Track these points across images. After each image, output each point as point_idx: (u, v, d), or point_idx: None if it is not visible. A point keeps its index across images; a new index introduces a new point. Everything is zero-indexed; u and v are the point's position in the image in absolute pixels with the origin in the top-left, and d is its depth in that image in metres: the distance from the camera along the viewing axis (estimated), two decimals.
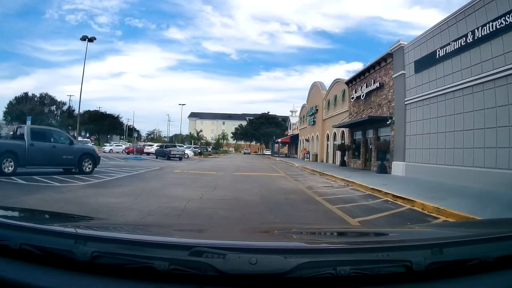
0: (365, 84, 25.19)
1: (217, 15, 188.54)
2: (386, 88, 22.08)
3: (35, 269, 1.18)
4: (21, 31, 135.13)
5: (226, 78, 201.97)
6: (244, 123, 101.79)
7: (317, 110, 38.86)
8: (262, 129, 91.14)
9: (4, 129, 79.32)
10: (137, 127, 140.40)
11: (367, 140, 25.45)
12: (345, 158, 28.02)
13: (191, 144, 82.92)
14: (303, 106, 50.41)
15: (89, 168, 14.72)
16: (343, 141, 30.37)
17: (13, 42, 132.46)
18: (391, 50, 21.23)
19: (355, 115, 27.06)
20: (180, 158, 32.46)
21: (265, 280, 1.10)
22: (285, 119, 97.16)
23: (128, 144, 52.29)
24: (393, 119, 20.52)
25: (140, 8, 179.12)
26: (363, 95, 25.40)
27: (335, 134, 32.78)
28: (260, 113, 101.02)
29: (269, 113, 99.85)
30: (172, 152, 31.63)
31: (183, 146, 54.76)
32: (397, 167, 19.37)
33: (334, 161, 32.35)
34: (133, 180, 12.68)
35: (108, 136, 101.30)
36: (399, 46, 20.26)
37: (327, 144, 35.52)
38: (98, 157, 15.42)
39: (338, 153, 30.92)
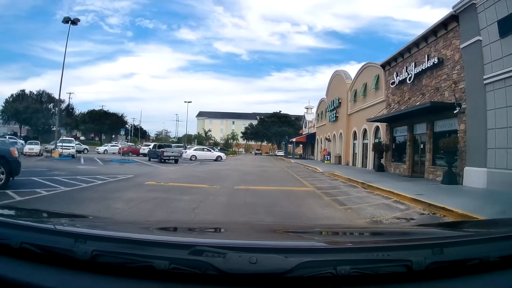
0: (412, 64, 19.03)
1: (228, 15, 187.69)
2: (448, 64, 15.94)
3: (35, 268, 1.18)
4: (32, 33, 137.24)
5: (237, 78, 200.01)
6: (254, 122, 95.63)
7: (340, 103, 32.69)
8: (274, 129, 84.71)
9: (1, 129, 76.07)
10: (146, 127, 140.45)
11: (415, 137, 19.29)
12: (382, 161, 21.83)
13: (199, 145, 78.27)
14: (320, 101, 44.21)
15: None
16: (377, 140, 24.19)
17: (24, 44, 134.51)
18: (455, 11, 15.04)
19: (396, 105, 20.89)
20: (176, 161, 26.70)
21: (265, 279, 1.09)
22: (299, 118, 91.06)
23: (126, 144, 46.88)
24: (462, 106, 14.39)
25: (151, 9, 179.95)
26: (410, 78, 19.23)
27: (365, 131, 26.58)
28: (271, 112, 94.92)
29: (281, 112, 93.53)
30: (165, 154, 25.84)
31: (187, 147, 49.20)
32: (473, 176, 13.26)
33: (364, 165, 26.16)
34: (53, 203, 7.24)
35: (113, 136, 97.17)
36: (469, 4, 14.09)
37: (354, 144, 29.32)
38: (16, 162, 9.67)
39: (371, 155, 24.72)
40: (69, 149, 30.62)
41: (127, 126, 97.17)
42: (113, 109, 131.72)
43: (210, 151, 37.42)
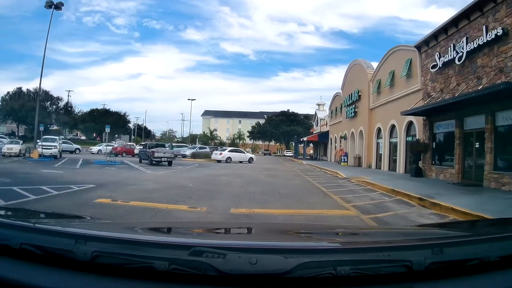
0: (462, 40, 14.81)
1: (235, 16, 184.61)
2: None
3: (35, 268, 1.17)
4: (38, 33, 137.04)
5: (244, 79, 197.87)
6: (261, 121, 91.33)
7: (359, 96, 28.48)
8: (282, 128, 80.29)
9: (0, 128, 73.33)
10: (153, 127, 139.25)
11: (466, 133, 15.12)
12: (420, 164, 17.62)
13: (204, 145, 74.58)
14: (335, 96, 39.95)
15: None
16: (409, 137, 20.00)
17: (30, 44, 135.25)
18: None
19: (438, 94, 16.70)
20: (170, 163, 22.72)
21: (265, 280, 1.09)
22: (308, 116, 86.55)
23: (121, 144, 43.38)
24: None
25: (158, 10, 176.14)
26: (460, 57, 15.01)
27: (392, 127, 22.39)
28: (279, 111, 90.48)
29: (290, 111, 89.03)
30: (155, 155, 21.86)
31: (187, 147, 45.32)
32: None
33: (392, 168, 21.96)
34: None
35: (116, 135, 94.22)
36: None
37: (378, 143, 25.10)
38: None
39: (401, 156, 20.53)
40: (50, 148, 26.89)
41: (129, 125, 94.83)
42: (121, 109, 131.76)
43: (243, 152, 35.61)
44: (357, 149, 28.60)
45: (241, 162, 30.82)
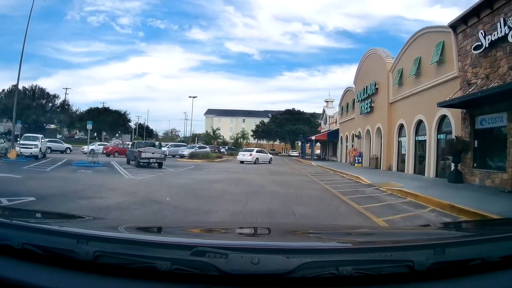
0: None
1: (239, 15, 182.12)
2: None
3: (37, 268, 1.17)
4: (43, 33, 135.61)
5: (248, 78, 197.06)
6: (266, 120, 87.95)
7: (376, 90, 25.30)
8: (288, 126, 76.89)
9: None
10: (157, 127, 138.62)
11: None
12: (459, 167, 14.46)
13: (206, 144, 71.59)
14: (345, 91, 36.76)
15: None
16: (442, 135, 16.88)
17: (34, 44, 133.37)
18: None
19: (482, 80, 13.56)
20: (160, 164, 19.70)
21: (267, 280, 1.09)
22: (314, 115, 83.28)
23: (113, 143, 40.67)
24: None
25: (162, 9, 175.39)
26: None
27: (419, 123, 19.25)
28: (283, 110, 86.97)
29: (295, 109, 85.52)
30: (142, 155, 18.81)
31: (185, 146, 42.36)
32: None
33: (419, 171, 18.81)
34: None
35: (117, 134, 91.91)
36: None
37: (399, 141, 21.95)
38: None
39: (431, 157, 17.39)
40: (30, 148, 24.15)
41: (130, 124, 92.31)
42: (125, 108, 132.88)
43: (265, 153, 35.49)
44: (374, 149, 25.42)
45: (254, 163, 29.63)
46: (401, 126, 21.60)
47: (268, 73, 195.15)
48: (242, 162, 29.85)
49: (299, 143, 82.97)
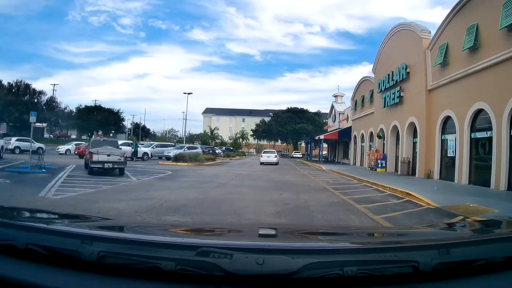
0: None
1: (241, 16, 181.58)
2: None
3: (41, 269, 1.17)
4: (44, 33, 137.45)
5: (250, 79, 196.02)
6: (267, 120, 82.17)
7: (407, 74, 19.96)
8: (290, 125, 71.04)
9: None
10: (157, 127, 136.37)
11: None
12: None
13: (204, 144, 66.38)
14: (361, 82, 31.35)
15: None
16: None
17: (36, 44, 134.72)
18: None
19: None
20: (121, 170, 14.31)
21: (272, 280, 1.08)
22: (318, 113, 77.71)
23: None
24: None
25: (164, 10, 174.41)
26: None
27: (476, 114, 13.98)
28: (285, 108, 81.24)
29: (298, 108, 79.62)
30: (94, 159, 13.42)
31: (173, 146, 37.04)
32: None
33: (477, 178, 13.48)
34: None
35: (111, 134, 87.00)
36: None
37: (443, 140, 16.61)
38: None
39: (505, 160, 12.08)
40: None
41: (124, 123, 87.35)
42: (127, 109, 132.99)
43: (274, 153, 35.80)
44: (405, 150, 20.07)
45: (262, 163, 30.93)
46: (446, 119, 16.28)
47: (269, 74, 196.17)
48: (262, 163, 31.19)
49: (302, 144, 77.50)
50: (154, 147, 33.77)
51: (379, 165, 22.35)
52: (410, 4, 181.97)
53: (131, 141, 32.42)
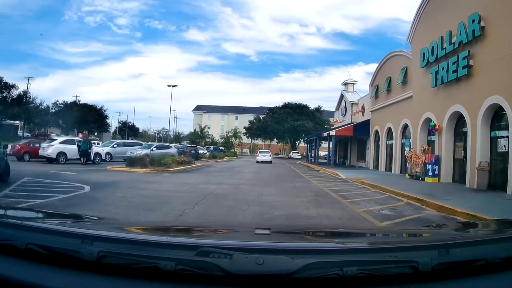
0: None
1: (237, 16, 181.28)
2: None
3: (41, 269, 1.16)
4: (40, 33, 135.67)
5: (245, 79, 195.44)
6: (262, 116, 74.25)
7: (482, 30, 12.53)
8: (288, 122, 63.19)
9: None
10: (147, 126, 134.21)
11: None
12: None
13: (192, 144, 58.94)
14: (386, 59, 23.43)
15: None
16: None
17: (32, 44, 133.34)
18: None
19: None
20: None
21: (272, 280, 1.08)
22: (319, 109, 69.95)
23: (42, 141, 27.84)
24: None
25: (160, 10, 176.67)
26: None
27: None
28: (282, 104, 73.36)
29: (296, 103, 71.69)
30: None
31: (140, 145, 29.41)
32: None
33: None
34: None
35: (96, 133, 79.41)
36: None
37: None
38: None
39: None
40: None
41: (107, 121, 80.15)
42: (123, 109, 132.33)
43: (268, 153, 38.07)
44: (479, 152, 12.58)
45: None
46: None
47: (265, 74, 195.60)
48: (258, 162, 33.81)
49: (301, 143, 69.66)
50: (115, 146, 26.17)
51: (429, 172, 14.93)
52: (406, 4, 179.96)
53: (78, 138, 24.91)
